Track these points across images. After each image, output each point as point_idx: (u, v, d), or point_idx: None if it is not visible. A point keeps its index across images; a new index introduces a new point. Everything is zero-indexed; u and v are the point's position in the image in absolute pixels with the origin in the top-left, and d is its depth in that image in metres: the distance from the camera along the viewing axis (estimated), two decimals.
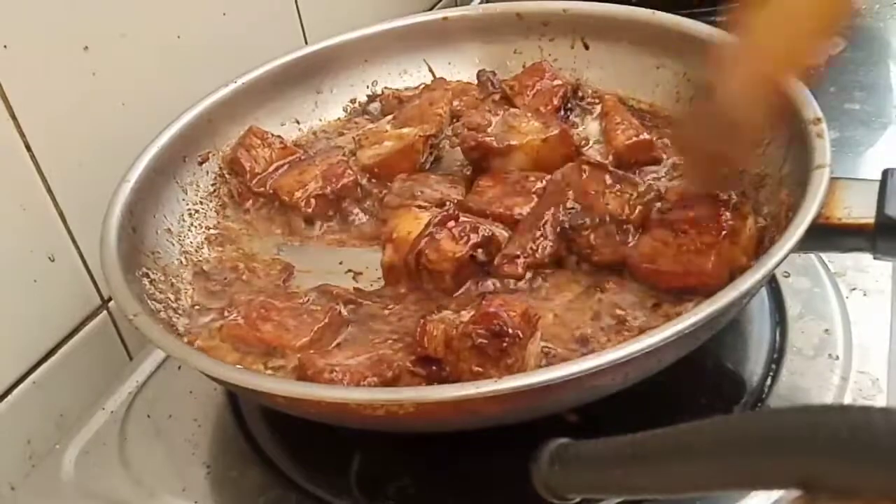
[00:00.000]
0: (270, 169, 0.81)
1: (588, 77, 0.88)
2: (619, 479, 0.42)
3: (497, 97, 0.85)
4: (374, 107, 0.91)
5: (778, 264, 0.55)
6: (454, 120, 0.83)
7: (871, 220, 0.59)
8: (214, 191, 0.81)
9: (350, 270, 0.73)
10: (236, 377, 0.57)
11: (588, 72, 0.88)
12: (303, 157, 0.82)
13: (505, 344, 0.55)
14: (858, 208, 0.60)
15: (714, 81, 0.62)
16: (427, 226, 0.67)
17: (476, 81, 0.89)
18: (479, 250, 0.66)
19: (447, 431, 0.59)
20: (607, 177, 0.68)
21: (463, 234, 0.66)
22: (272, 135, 0.83)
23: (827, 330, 0.68)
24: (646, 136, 0.77)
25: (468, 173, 0.78)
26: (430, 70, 0.92)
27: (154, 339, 0.59)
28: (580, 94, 0.87)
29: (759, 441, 0.35)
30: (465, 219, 0.67)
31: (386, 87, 0.92)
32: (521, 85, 0.86)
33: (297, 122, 0.88)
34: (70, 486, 0.67)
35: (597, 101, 0.85)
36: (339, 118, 0.90)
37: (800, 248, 0.56)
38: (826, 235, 0.60)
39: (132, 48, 0.80)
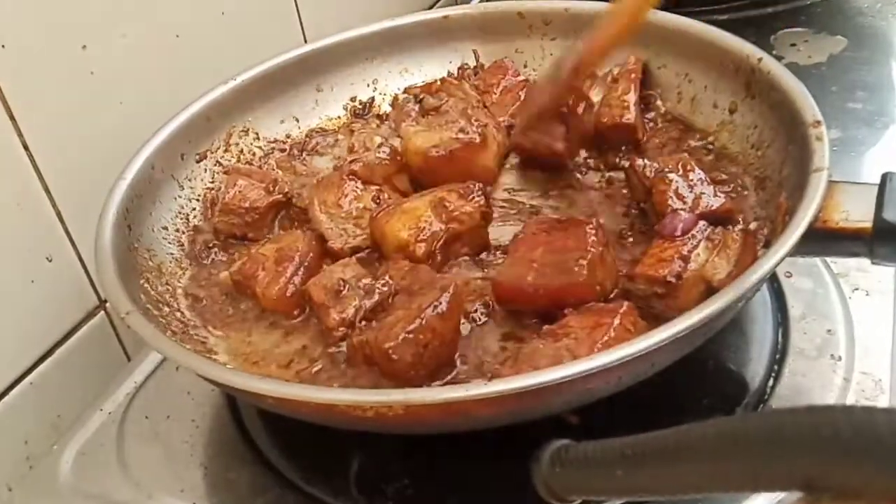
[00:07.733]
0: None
1: None
2: (620, 481, 0.42)
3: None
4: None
5: (773, 268, 0.54)
6: None
7: (869, 225, 0.58)
8: (212, 188, 0.81)
9: None
10: (225, 377, 0.57)
11: None
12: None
13: None
14: (856, 213, 0.59)
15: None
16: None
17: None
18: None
19: (441, 433, 0.58)
20: None
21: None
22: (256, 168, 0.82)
23: (829, 330, 0.68)
24: (629, 118, 0.78)
25: None
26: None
27: (146, 337, 0.59)
28: None
29: (761, 442, 0.35)
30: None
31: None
32: (486, 84, 0.86)
33: (297, 120, 0.88)
34: (67, 488, 0.67)
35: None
36: (339, 116, 0.90)
37: (797, 252, 0.55)
38: (823, 239, 0.59)
39: (130, 47, 0.80)
